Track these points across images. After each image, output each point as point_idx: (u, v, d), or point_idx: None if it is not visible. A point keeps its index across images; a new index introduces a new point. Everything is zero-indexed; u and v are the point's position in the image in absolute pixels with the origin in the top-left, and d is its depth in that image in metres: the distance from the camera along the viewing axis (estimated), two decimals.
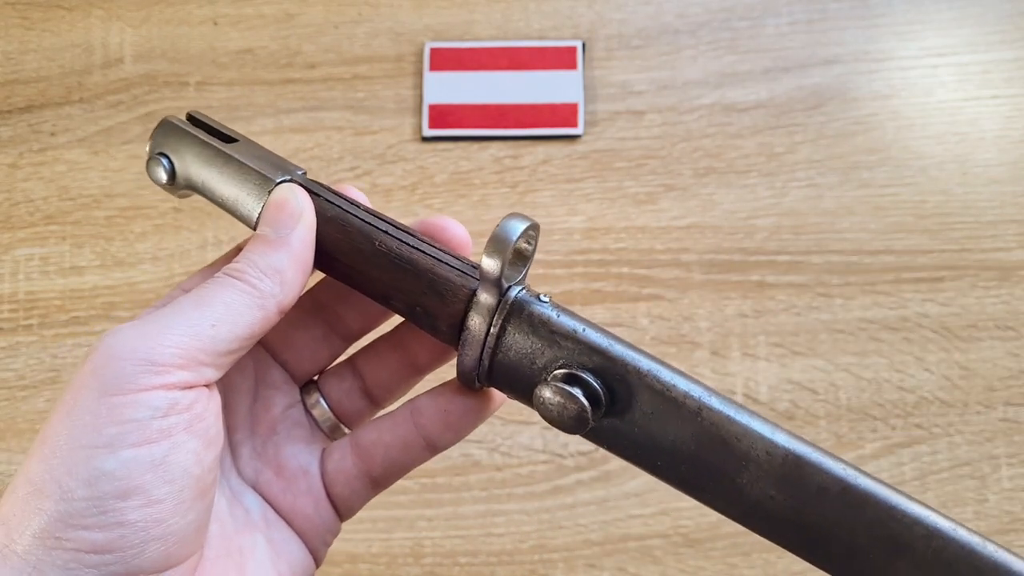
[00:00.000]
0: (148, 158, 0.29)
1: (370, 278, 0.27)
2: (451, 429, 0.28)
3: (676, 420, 0.24)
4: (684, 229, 0.56)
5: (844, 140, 0.57)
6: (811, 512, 0.23)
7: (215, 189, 0.28)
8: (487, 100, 0.58)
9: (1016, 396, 0.53)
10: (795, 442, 0.24)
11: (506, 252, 0.25)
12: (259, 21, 0.60)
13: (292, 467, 0.29)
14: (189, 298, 0.25)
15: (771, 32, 0.59)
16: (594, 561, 0.51)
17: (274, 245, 0.26)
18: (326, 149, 0.58)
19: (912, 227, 0.55)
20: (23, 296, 0.56)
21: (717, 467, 0.24)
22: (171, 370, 0.23)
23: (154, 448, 0.23)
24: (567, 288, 0.55)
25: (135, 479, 0.22)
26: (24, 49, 0.60)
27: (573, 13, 0.60)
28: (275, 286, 0.25)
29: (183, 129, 0.29)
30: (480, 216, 0.56)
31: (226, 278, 0.25)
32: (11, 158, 0.58)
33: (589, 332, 0.25)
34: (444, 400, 0.28)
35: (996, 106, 0.57)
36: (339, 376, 0.30)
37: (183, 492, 0.23)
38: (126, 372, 0.23)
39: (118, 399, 0.22)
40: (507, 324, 0.26)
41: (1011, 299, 0.54)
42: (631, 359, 0.25)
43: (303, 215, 0.27)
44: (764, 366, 0.53)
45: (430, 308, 0.26)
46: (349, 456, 0.29)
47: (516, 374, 0.26)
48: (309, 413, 0.30)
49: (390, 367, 0.30)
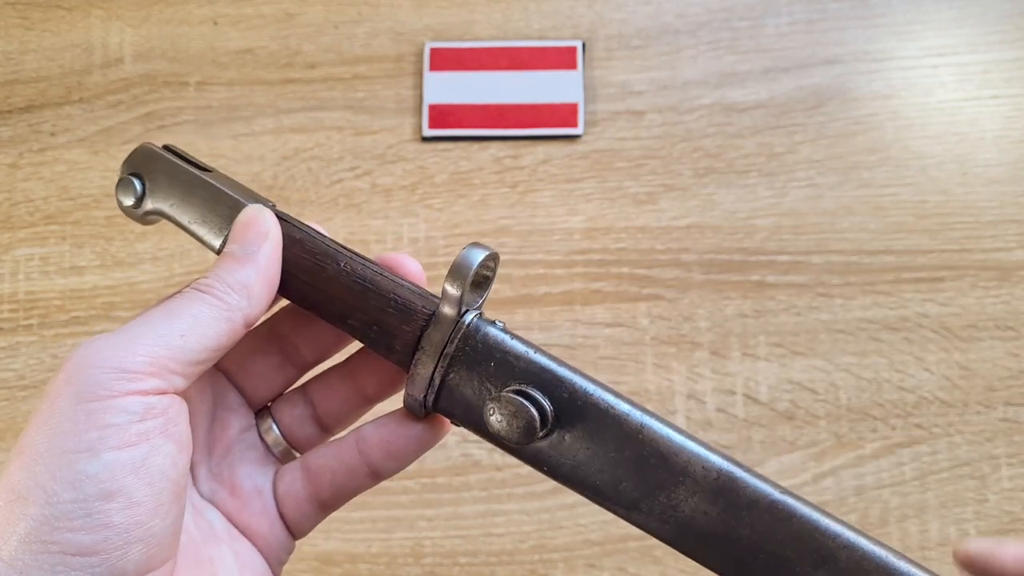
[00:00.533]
0: (119, 179, 0.30)
1: (331, 297, 0.28)
2: (393, 458, 0.29)
3: (618, 436, 0.25)
4: (684, 229, 0.56)
5: (844, 140, 0.57)
6: (742, 526, 0.24)
7: (184, 213, 0.29)
8: (487, 100, 0.58)
9: (1016, 396, 0.53)
10: (728, 461, 0.25)
11: (466, 278, 0.26)
12: (259, 21, 0.60)
13: (247, 487, 0.30)
14: (158, 310, 0.26)
15: (771, 32, 0.59)
16: (594, 561, 0.51)
17: (241, 261, 0.27)
18: (326, 149, 0.58)
19: (912, 227, 0.55)
20: (23, 296, 0.56)
21: (655, 482, 0.25)
22: (143, 377, 0.24)
23: (134, 451, 0.23)
24: (567, 288, 0.55)
25: (118, 481, 0.23)
26: (24, 49, 0.60)
27: (573, 13, 0.60)
28: (242, 300, 0.26)
29: (159, 154, 0.30)
30: (480, 216, 0.56)
31: (194, 292, 0.26)
32: (11, 158, 0.58)
33: (539, 355, 0.27)
34: (387, 430, 0.29)
35: (996, 106, 0.57)
36: (291, 403, 0.31)
37: (162, 495, 0.24)
38: (100, 379, 0.23)
39: (95, 405, 0.23)
40: (462, 345, 0.27)
41: (1011, 299, 0.54)
42: (578, 380, 0.26)
43: (270, 233, 0.28)
44: (764, 366, 0.53)
45: (388, 327, 0.28)
46: (299, 479, 0.30)
47: (466, 395, 0.27)
48: (262, 439, 0.31)
49: (340, 396, 0.31)
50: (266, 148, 0.58)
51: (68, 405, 0.23)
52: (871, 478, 0.52)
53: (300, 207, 0.57)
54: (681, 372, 0.54)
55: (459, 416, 0.27)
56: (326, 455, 0.30)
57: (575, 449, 0.26)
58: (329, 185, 0.57)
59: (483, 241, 0.56)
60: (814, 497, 0.52)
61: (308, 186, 0.57)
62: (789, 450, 0.52)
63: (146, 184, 0.30)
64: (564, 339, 0.54)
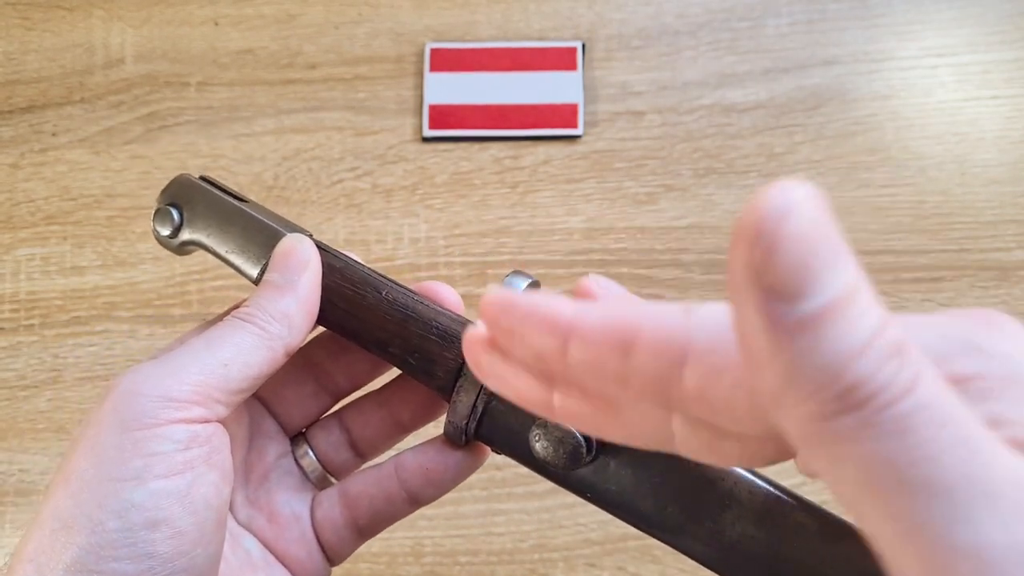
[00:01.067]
0: (156, 209, 0.30)
1: (371, 325, 0.28)
2: (432, 485, 0.30)
3: (663, 461, 0.25)
4: (684, 229, 0.56)
5: (843, 140, 0.57)
6: (790, 549, 0.24)
7: (222, 241, 0.30)
8: (487, 100, 0.58)
9: None
10: (773, 485, 0.25)
11: None
12: (260, 22, 0.60)
13: (285, 514, 0.30)
14: (201, 339, 0.26)
15: (771, 33, 0.59)
16: (594, 560, 0.51)
17: (282, 290, 0.27)
18: (327, 149, 0.58)
19: (911, 227, 0.55)
20: (24, 296, 0.56)
21: (700, 507, 0.25)
22: (188, 406, 0.24)
23: (179, 480, 0.23)
24: (567, 288, 0.55)
25: (163, 510, 0.23)
26: (25, 49, 0.60)
27: (573, 14, 0.60)
28: (283, 329, 0.27)
29: (197, 184, 0.30)
30: (480, 216, 0.56)
31: (236, 321, 0.26)
32: (12, 158, 0.58)
33: None
34: (426, 458, 0.29)
35: (996, 106, 0.57)
36: (327, 430, 0.32)
37: (206, 523, 0.24)
38: (146, 408, 0.23)
39: (140, 433, 0.23)
40: None
41: (1010, 299, 0.54)
42: None
43: (310, 262, 0.28)
44: None
45: (430, 354, 0.28)
46: (337, 505, 0.30)
47: (508, 423, 0.27)
48: (298, 464, 0.31)
49: (375, 424, 0.31)
50: (267, 148, 0.58)
51: (114, 433, 0.23)
52: None
53: (301, 207, 0.57)
54: None
55: (500, 443, 0.27)
56: (364, 481, 0.30)
57: (620, 475, 0.26)
58: (330, 185, 0.57)
59: (484, 242, 0.56)
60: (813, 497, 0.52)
61: (309, 186, 0.57)
62: None
63: (184, 214, 0.30)
64: None
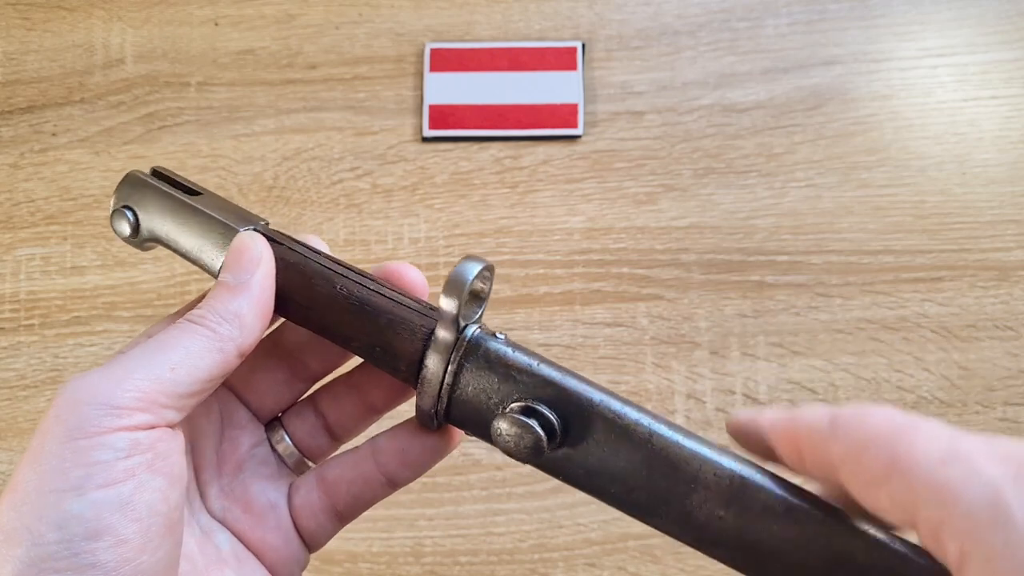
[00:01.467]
0: (112, 211, 0.30)
1: (331, 321, 0.28)
2: (409, 467, 0.30)
3: (628, 447, 0.25)
4: (684, 229, 0.56)
5: (843, 140, 0.57)
6: (757, 530, 0.24)
7: (179, 241, 0.29)
8: (487, 101, 0.58)
9: (1015, 396, 0.53)
10: (741, 464, 0.25)
11: (463, 292, 0.26)
12: (260, 22, 0.60)
13: (260, 503, 0.30)
14: (150, 343, 0.26)
15: (770, 33, 0.59)
16: (594, 560, 0.51)
17: (234, 291, 0.27)
18: (327, 149, 0.58)
19: (911, 227, 0.55)
20: (24, 296, 0.56)
21: (668, 490, 0.25)
22: (131, 412, 0.24)
23: (120, 488, 0.23)
24: (567, 288, 0.55)
25: (103, 520, 0.23)
26: (25, 49, 0.60)
27: (573, 14, 0.60)
28: (234, 330, 0.26)
29: (147, 182, 0.30)
30: (480, 216, 0.56)
31: (186, 323, 0.26)
32: (12, 158, 0.58)
33: (543, 367, 0.26)
34: (402, 440, 0.29)
35: (995, 106, 0.57)
36: (301, 415, 0.32)
37: (151, 530, 0.24)
38: (88, 416, 0.23)
39: (82, 442, 0.23)
40: (464, 361, 0.27)
41: (1010, 299, 0.54)
42: (584, 390, 0.26)
43: (262, 260, 0.28)
44: (763, 366, 0.54)
45: (390, 348, 0.27)
46: (315, 491, 0.30)
47: (474, 410, 0.27)
48: (274, 449, 0.31)
49: (348, 408, 0.31)
50: (267, 148, 0.58)
51: (56, 443, 0.23)
52: None
53: (301, 207, 0.57)
54: (681, 372, 0.54)
55: (471, 428, 0.27)
56: (342, 466, 0.30)
57: (586, 461, 0.26)
58: (330, 185, 0.57)
59: (484, 241, 0.56)
60: None
61: (309, 186, 0.57)
62: None
63: (138, 214, 0.29)
64: (564, 339, 0.54)
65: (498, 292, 0.55)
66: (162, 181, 0.30)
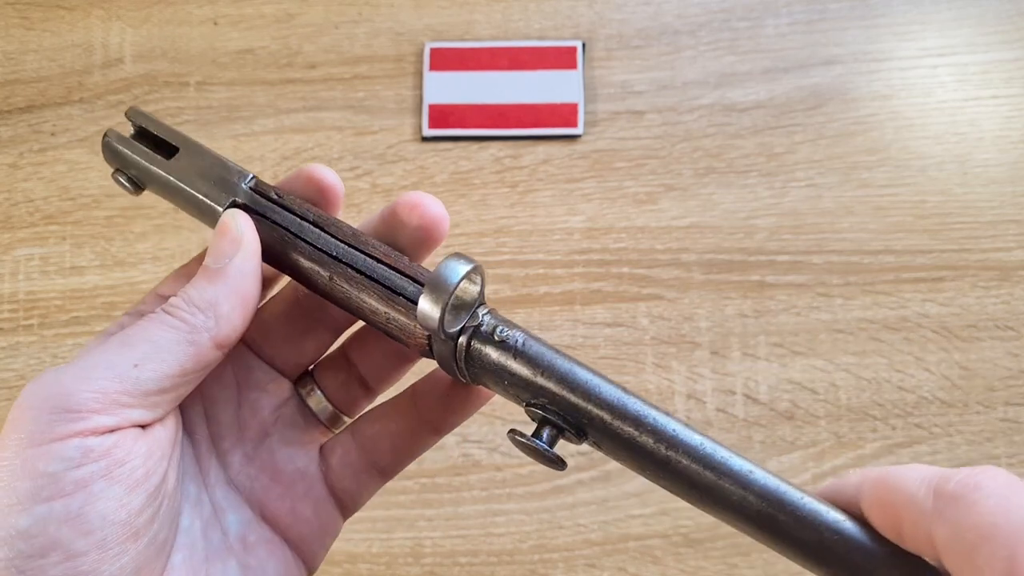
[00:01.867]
0: (111, 173, 0.28)
1: (336, 301, 0.27)
2: (454, 412, 0.28)
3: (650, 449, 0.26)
4: (684, 229, 0.56)
5: (844, 140, 0.57)
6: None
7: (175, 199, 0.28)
8: (487, 100, 0.58)
9: (1016, 396, 0.53)
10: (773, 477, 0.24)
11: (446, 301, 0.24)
12: (259, 21, 0.60)
13: (289, 471, 0.28)
14: (117, 337, 0.24)
15: (771, 32, 0.59)
16: (594, 561, 0.51)
17: (211, 277, 0.25)
18: (326, 149, 0.58)
19: (912, 227, 0.55)
20: (23, 296, 0.56)
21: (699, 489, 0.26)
22: (87, 415, 0.22)
23: (68, 501, 0.22)
24: (567, 288, 0.55)
25: (51, 535, 0.21)
26: (24, 49, 0.60)
27: (573, 13, 0.60)
28: (208, 320, 0.24)
29: (119, 149, 0.28)
30: (480, 216, 0.56)
31: (158, 314, 0.24)
32: (11, 158, 0.58)
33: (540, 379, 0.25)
34: (444, 385, 0.28)
35: (995, 106, 0.57)
36: (332, 367, 0.30)
37: (106, 540, 0.22)
38: (40, 422, 0.22)
39: (32, 451, 0.22)
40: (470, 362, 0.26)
41: (1011, 299, 0.54)
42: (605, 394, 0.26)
43: (241, 243, 0.25)
44: (764, 366, 0.53)
45: (399, 323, 0.26)
46: (353, 450, 0.29)
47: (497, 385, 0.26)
48: (306, 405, 0.29)
49: (379, 356, 0.30)
50: (266, 148, 0.58)
51: (10, 452, 0.22)
52: None
53: None
54: (681, 372, 0.54)
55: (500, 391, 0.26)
56: (382, 419, 0.29)
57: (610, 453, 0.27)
58: None
59: (484, 241, 0.56)
60: None
61: None
62: (789, 450, 0.52)
63: (131, 175, 0.28)
64: (564, 339, 0.54)
65: (498, 292, 0.55)
66: (139, 142, 0.28)
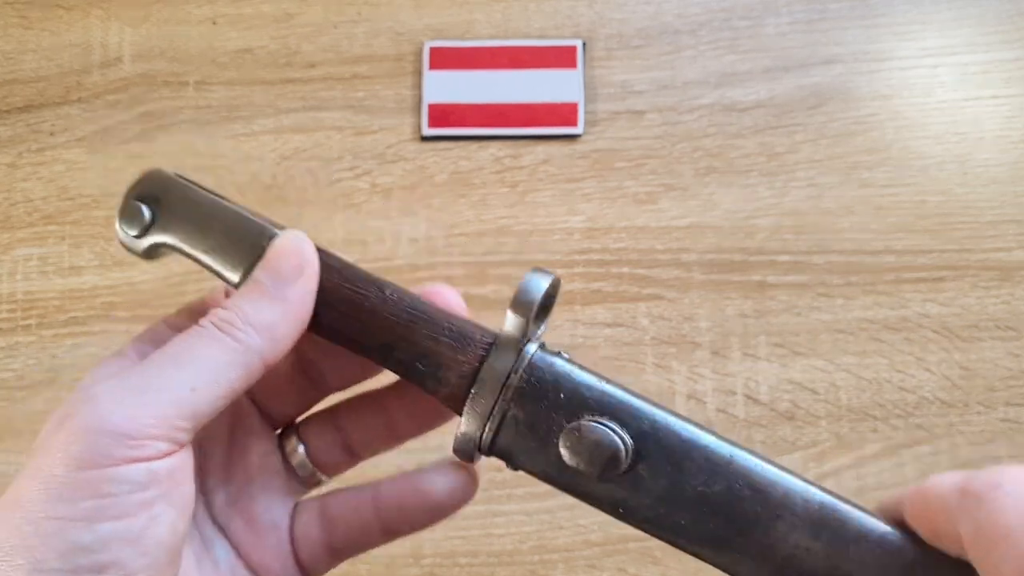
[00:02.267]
0: (123, 205, 0.27)
1: (373, 328, 0.26)
2: (408, 522, 0.28)
3: (705, 469, 0.24)
4: (684, 229, 0.56)
5: (844, 140, 0.57)
6: (850, 560, 0.23)
7: (200, 240, 0.26)
8: (487, 99, 0.58)
9: (1017, 396, 0.53)
10: (826, 492, 0.23)
11: (533, 306, 0.24)
12: (258, 21, 0.60)
13: (264, 520, 0.28)
14: (169, 355, 0.23)
15: (771, 32, 0.59)
16: (594, 561, 0.51)
17: (270, 297, 0.24)
18: (326, 149, 0.58)
19: (913, 227, 0.55)
20: (22, 296, 0.56)
21: (750, 517, 0.23)
22: (149, 443, 0.22)
23: (132, 522, 0.22)
24: (567, 288, 0.55)
25: (112, 553, 0.21)
26: (23, 49, 0.60)
27: (573, 12, 0.60)
28: (264, 342, 0.24)
29: (174, 178, 0.27)
30: (480, 215, 0.56)
31: (211, 330, 0.24)
32: (10, 158, 0.58)
33: (612, 386, 0.25)
34: (406, 491, 0.28)
35: (996, 106, 0.57)
36: (319, 426, 0.29)
37: (158, 561, 0.22)
38: (101, 445, 0.22)
39: (94, 473, 0.21)
40: (528, 375, 0.25)
41: (1012, 299, 0.54)
42: (657, 412, 0.25)
43: (306, 268, 0.25)
44: (765, 366, 0.53)
45: (441, 358, 0.25)
46: (315, 522, 0.28)
47: (531, 429, 0.25)
48: (286, 459, 0.29)
49: (371, 429, 0.29)
50: (265, 148, 0.58)
51: (67, 469, 0.21)
52: (872, 479, 0.52)
53: (299, 207, 0.57)
54: (681, 372, 0.53)
55: (519, 455, 0.25)
56: (344, 504, 0.28)
57: (657, 485, 0.24)
58: (329, 185, 0.57)
59: (483, 241, 0.56)
60: None
61: (307, 186, 0.57)
62: (790, 450, 0.52)
63: (156, 211, 0.27)
64: (564, 339, 0.54)
65: (498, 292, 0.55)
66: (188, 182, 0.28)
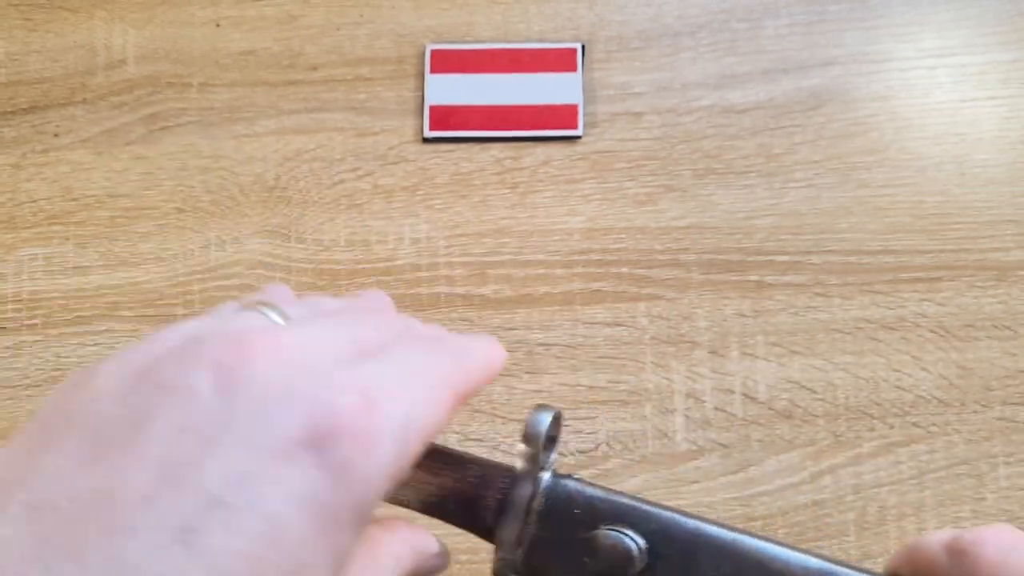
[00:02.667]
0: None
1: (413, 480, 0.29)
2: None
3: (713, 554, 0.26)
4: (683, 229, 0.56)
5: (843, 141, 0.57)
6: None
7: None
8: (488, 101, 0.58)
9: (1013, 395, 0.53)
10: (826, 560, 0.26)
11: (540, 439, 0.28)
12: (261, 23, 0.60)
13: None
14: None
15: (770, 34, 0.59)
16: None
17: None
18: (328, 150, 0.58)
19: (910, 227, 0.56)
20: (27, 296, 0.56)
21: None
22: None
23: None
24: (567, 288, 0.55)
25: None
26: (27, 50, 0.61)
27: (573, 15, 0.60)
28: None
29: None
30: (481, 216, 0.57)
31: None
32: (14, 159, 0.59)
33: (620, 497, 0.28)
34: None
35: (993, 107, 0.58)
36: None
37: None
38: None
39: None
40: (546, 498, 0.28)
41: (1008, 299, 0.54)
42: (664, 513, 0.28)
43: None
44: (763, 365, 0.54)
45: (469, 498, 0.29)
46: None
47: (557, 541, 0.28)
48: None
49: None
50: (268, 149, 0.58)
51: None
52: (869, 477, 0.52)
53: (302, 208, 0.57)
54: (680, 371, 0.54)
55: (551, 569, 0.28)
56: None
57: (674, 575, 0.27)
58: (331, 186, 0.57)
59: (484, 242, 0.56)
60: (812, 495, 0.52)
61: (310, 187, 0.57)
62: (787, 449, 0.53)
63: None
64: (564, 339, 0.54)
65: (498, 292, 0.55)
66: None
